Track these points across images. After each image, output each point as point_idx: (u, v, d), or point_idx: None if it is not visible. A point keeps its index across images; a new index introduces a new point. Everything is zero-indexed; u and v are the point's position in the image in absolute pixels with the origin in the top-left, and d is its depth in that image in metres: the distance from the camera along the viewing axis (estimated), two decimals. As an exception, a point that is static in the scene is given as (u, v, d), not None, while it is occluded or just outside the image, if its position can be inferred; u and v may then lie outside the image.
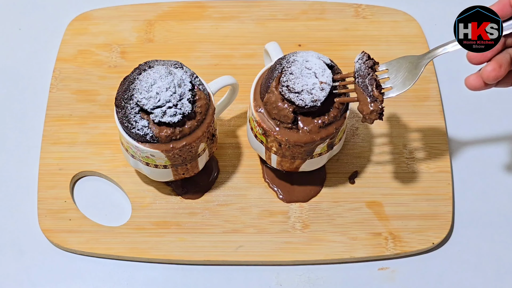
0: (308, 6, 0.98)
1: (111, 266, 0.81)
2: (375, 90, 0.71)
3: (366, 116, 0.72)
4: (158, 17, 0.97)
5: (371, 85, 0.71)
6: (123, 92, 0.74)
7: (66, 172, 0.85)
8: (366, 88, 0.72)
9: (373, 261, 0.82)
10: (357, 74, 0.73)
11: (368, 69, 0.72)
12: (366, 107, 0.72)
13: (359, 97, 0.72)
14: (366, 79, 0.72)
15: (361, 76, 0.72)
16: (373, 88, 0.71)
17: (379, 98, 0.71)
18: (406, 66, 0.72)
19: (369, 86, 0.72)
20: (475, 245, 0.83)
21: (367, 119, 0.72)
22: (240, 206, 0.84)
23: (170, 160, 0.75)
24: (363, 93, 0.72)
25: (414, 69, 0.71)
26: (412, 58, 0.72)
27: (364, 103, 0.72)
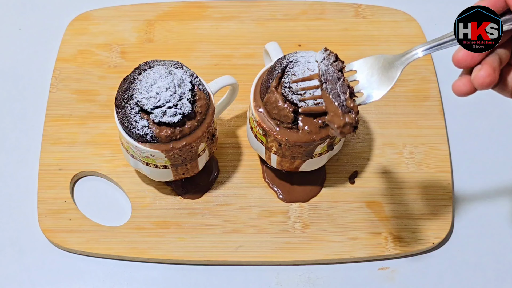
0: (308, 6, 0.98)
1: (111, 266, 0.81)
2: (348, 99, 0.61)
3: (338, 129, 0.63)
4: (158, 17, 0.97)
5: (343, 93, 0.62)
6: (123, 92, 0.74)
7: (66, 172, 0.85)
8: (336, 96, 0.62)
9: (373, 261, 0.82)
10: (323, 78, 0.63)
11: (337, 72, 0.63)
12: (337, 119, 0.63)
13: (328, 107, 0.63)
14: (337, 85, 0.62)
15: (330, 82, 0.62)
16: (346, 97, 0.62)
17: (354, 110, 0.62)
18: (378, 67, 0.63)
19: (341, 94, 0.62)
20: (475, 245, 0.83)
21: (339, 133, 0.63)
22: (240, 206, 0.84)
23: (170, 160, 0.75)
24: (333, 103, 0.62)
25: (388, 71, 0.62)
26: (385, 59, 0.63)
27: (335, 114, 0.63)
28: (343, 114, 0.62)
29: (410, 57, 0.62)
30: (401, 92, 0.91)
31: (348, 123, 0.62)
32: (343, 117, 0.62)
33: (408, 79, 0.92)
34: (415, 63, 0.93)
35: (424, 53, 0.62)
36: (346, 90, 0.62)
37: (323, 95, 0.63)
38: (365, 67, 0.63)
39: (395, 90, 0.91)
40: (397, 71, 0.62)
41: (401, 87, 0.91)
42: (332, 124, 0.63)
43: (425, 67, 0.93)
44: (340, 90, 0.62)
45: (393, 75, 0.62)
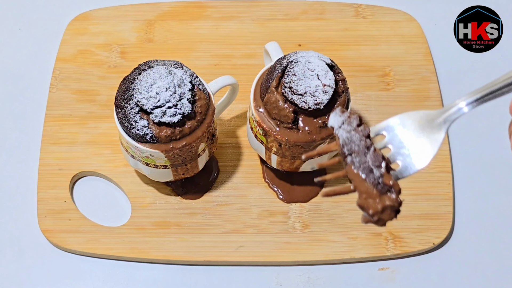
0: (308, 6, 0.98)
1: (111, 267, 0.81)
2: (386, 175, 0.48)
3: (374, 216, 0.49)
4: (158, 17, 0.97)
5: (377, 167, 0.48)
6: (122, 92, 0.74)
7: (66, 172, 0.85)
8: (369, 172, 0.49)
9: (374, 261, 0.82)
10: (347, 148, 0.50)
11: (365, 139, 0.50)
12: (373, 202, 0.49)
13: (357, 186, 0.49)
14: (367, 157, 0.49)
15: (356, 153, 0.49)
16: (383, 172, 0.48)
17: (395, 188, 0.49)
18: (413, 128, 0.51)
19: (374, 168, 0.48)
20: (475, 245, 0.83)
21: (376, 220, 0.49)
22: (240, 206, 0.83)
23: (170, 160, 0.75)
24: (364, 181, 0.49)
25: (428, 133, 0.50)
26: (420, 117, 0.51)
27: (369, 196, 0.49)
28: (381, 195, 0.48)
29: (453, 113, 0.51)
30: (401, 92, 0.91)
31: (388, 207, 0.48)
32: (381, 199, 0.48)
33: (408, 79, 0.92)
34: (415, 63, 0.93)
35: (469, 108, 0.51)
36: (380, 163, 0.48)
37: (349, 172, 0.49)
38: (396, 129, 0.50)
39: (395, 90, 0.91)
40: (441, 132, 0.50)
41: (401, 87, 0.91)
42: (367, 209, 0.49)
43: (425, 67, 0.93)
44: (373, 163, 0.48)
45: (436, 137, 0.50)
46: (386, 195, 0.49)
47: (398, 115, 0.51)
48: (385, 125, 0.51)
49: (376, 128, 0.51)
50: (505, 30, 0.81)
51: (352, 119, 0.51)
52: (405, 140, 0.50)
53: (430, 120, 0.50)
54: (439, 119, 0.51)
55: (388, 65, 0.93)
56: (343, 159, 0.50)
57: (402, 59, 0.93)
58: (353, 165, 0.49)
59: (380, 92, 0.91)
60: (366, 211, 0.49)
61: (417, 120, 0.50)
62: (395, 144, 0.50)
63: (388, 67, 0.93)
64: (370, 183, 0.49)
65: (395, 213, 0.50)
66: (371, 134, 0.51)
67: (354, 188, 0.50)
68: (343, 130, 0.51)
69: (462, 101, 0.51)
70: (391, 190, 0.49)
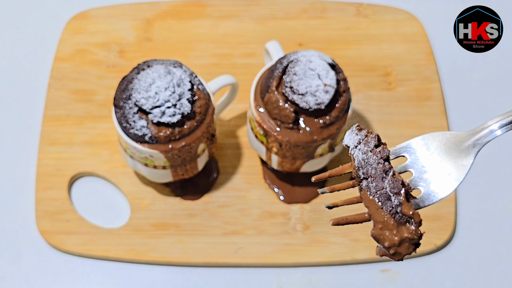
0: (309, 4, 0.98)
1: (109, 268, 0.80)
2: (405, 204, 0.44)
3: (391, 249, 0.44)
4: (157, 16, 0.97)
5: (396, 194, 0.44)
6: (121, 92, 0.73)
7: (63, 173, 0.84)
8: (386, 200, 0.44)
9: (375, 263, 0.81)
10: (362, 172, 0.45)
11: (383, 163, 0.45)
12: (389, 234, 0.44)
13: (373, 214, 0.45)
14: (385, 182, 0.44)
15: (373, 177, 0.44)
16: (402, 200, 0.44)
17: (416, 219, 0.44)
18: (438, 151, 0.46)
19: (392, 196, 0.44)
20: (477, 246, 0.82)
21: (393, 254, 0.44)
22: (240, 207, 0.83)
23: (169, 160, 0.75)
24: (380, 209, 0.44)
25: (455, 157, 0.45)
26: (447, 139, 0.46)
27: (385, 227, 0.44)
28: (398, 226, 0.44)
29: (485, 136, 0.46)
30: (403, 92, 0.91)
31: (406, 239, 0.44)
32: (399, 230, 0.43)
33: (410, 78, 0.91)
34: (417, 63, 0.93)
35: (503, 131, 0.46)
36: (400, 190, 0.43)
37: (364, 198, 0.45)
38: (418, 151, 0.46)
39: (397, 90, 0.91)
40: (469, 156, 0.45)
41: (403, 87, 0.91)
42: (382, 241, 0.44)
43: (427, 67, 0.92)
44: (391, 189, 0.43)
45: (464, 162, 0.45)
46: (404, 226, 0.44)
47: (422, 136, 0.47)
48: (406, 146, 0.47)
49: (396, 149, 0.47)
50: (505, 30, 0.81)
51: (370, 139, 0.46)
52: (429, 164, 0.45)
53: (457, 143, 0.46)
54: (468, 142, 0.46)
55: (389, 65, 0.92)
56: (358, 183, 0.46)
57: (404, 58, 0.93)
58: (369, 191, 0.45)
59: (381, 92, 0.90)
60: (381, 243, 0.45)
61: (442, 142, 0.46)
62: (417, 168, 0.46)
63: (389, 67, 0.92)
64: (387, 212, 0.44)
65: (414, 247, 0.45)
66: (390, 156, 0.46)
67: (369, 217, 0.46)
68: (359, 150, 0.46)
69: (494, 122, 0.46)
70: (410, 221, 0.44)
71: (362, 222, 0.46)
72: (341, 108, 0.74)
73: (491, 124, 0.47)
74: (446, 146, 0.46)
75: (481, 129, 0.47)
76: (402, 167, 0.47)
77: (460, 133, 0.47)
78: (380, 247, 0.46)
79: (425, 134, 0.48)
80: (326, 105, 0.72)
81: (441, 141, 0.46)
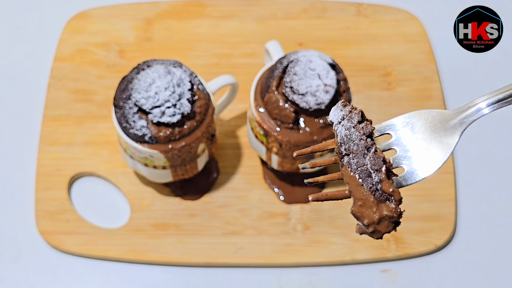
0: (309, 4, 0.97)
1: (109, 268, 0.80)
2: (385, 181, 0.42)
3: (369, 227, 0.43)
4: (157, 15, 0.96)
5: (377, 171, 0.42)
6: (121, 92, 0.73)
7: (63, 173, 0.84)
8: (366, 176, 0.43)
9: (375, 263, 0.81)
10: (344, 147, 0.43)
11: (365, 139, 0.43)
12: (369, 211, 0.43)
13: (353, 192, 0.44)
14: (366, 159, 0.43)
15: (355, 153, 0.43)
16: (382, 177, 0.42)
17: (395, 196, 0.43)
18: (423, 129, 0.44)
19: (372, 172, 0.42)
20: (477, 246, 0.82)
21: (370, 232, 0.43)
22: (240, 207, 0.83)
23: (169, 161, 0.75)
24: (361, 185, 0.43)
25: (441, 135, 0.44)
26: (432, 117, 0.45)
27: (364, 204, 0.43)
28: (378, 203, 0.43)
29: (472, 114, 0.45)
30: (403, 92, 0.90)
31: (385, 217, 0.43)
32: (378, 208, 0.43)
33: (411, 78, 0.91)
34: (417, 62, 0.93)
35: (490, 109, 0.46)
36: (380, 167, 0.42)
37: (345, 174, 0.43)
38: (404, 129, 0.44)
39: (397, 90, 0.90)
40: (455, 135, 0.44)
41: (403, 87, 0.91)
42: (361, 218, 0.43)
43: (427, 67, 0.92)
44: (372, 166, 0.42)
45: (449, 141, 0.43)
46: (384, 204, 0.43)
47: (408, 114, 0.45)
48: (391, 124, 0.45)
49: (381, 126, 0.45)
50: (505, 30, 0.81)
51: (353, 115, 0.44)
52: (413, 142, 0.44)
53: (443, 121, 0.44)
54: (454, 120, 0.44)
55: (390, 65, 0.92)
56: (340, 159, 0.44)
57: (404, 58, 0.93)
58: (350, 167, 0.43)
59: (382, 92, 0.90)
60: (360, 220, 0.44)
61: (428, 120, 0.44)
62: (401, 146, 0.44)
63: (390, 67, 0.92)
64: (367, 188, 0.43)
65: (394, 225, 0.44)
66: (375, 133, 0.45)
67: (349, 194, 0.44)
68: (343, 126, 0.44)
69: (482, 101, 0.45)
70: (390, 198, 0.43)
71: (342, 199, 0.45)
72: (341, 108, 0.74)
73: (478, 102, 0.46)
74: (432, 124, 0.45)
75: (468, 107, 0.45)
76: (386, 145, 0.45)
77: (446, 111, 0.45)
78: (359, 225, 0.45)
79: (411, 112, 0.46)
80: (326, 105, 0.72)
81: (427, 119, 0.45)
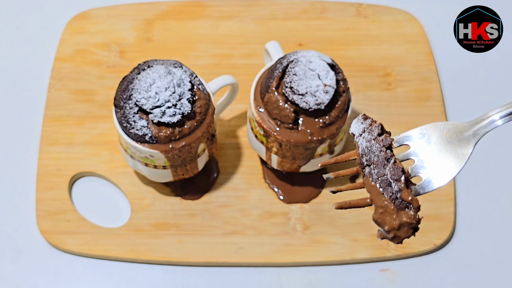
0: (308, 5, 0.98)
1: (109, 268, 0.80)
2: (405, 190, 0.46)
3: (390, 232, 0.47)
4: (157, 16, 0.97)
5: (396, 180, 0.46)
6: (122, 92, 0.73)
7: (64, 173, 0.84)
8: (386, 186, 0.46)
9: (375, 263, 0.81)
10: (366, 159, 0.47)
11: (385, 150, 0.47)
12: (389, 218, 0.46)
13: (375, 200, 0.47)
14: (386, 169, 0.46)
15: (375, 164, 0.47)
16: (401, 186, 0.46)
17: (414, 204, 0.47)
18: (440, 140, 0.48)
19: (392, 182, 0.46)
20: (477, 246, 0.82)
21: (391, 237, 0.47)
22: (240, 207, 0.83)
23: (169, 160, 0.75)
24: (381, 194, 0.46)
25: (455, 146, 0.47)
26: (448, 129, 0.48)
27: (385, 212, 0.47)
28: (398, 211, 0.46)
29: (485, 126, 0.47)
30: (402, 92, 0.91)
31: (405, 223, 0.46)
32: (398, 215, 0.46)
33: (410, 79, 0.91)
34: (417, 63, 0.93)
35: (504, 121, 0.48)
36: (400, 177, 0.46)
37: (366, 183, 0.47)
38: (421, 140, 0.48)
39: (397, 90, 0.91)
40: (469, 146, 0.47)
41: (402, 87, 0.91)
42: (383, 225, 0.46)
43: (427, 67, 0.92)
44: (391, 176, 0.46)
45: (463, 152, 0.46)
46: (403, 211, 0.46)
47: (424, 126, 0.48)
48: (409, 135, 0.49)
49: (399, 137, 0.49)
50: (505, 30, 0.81)
51: (374, 128, 0.48)
52: (430, 153, 0.47)
53: (458, 133, 0.47)
54: (468, 132, 0.48)
55: (389, 65, 0.92)
56: (361, 170, 0.48)
57: (404, 59, 0.93)
58: (371, 177, 0.47)
59: (381, 92, 0.90)
60: (382, 226, 0.47)
61: (444, 131, 0.48)
62: (419, 157, 0.48)
63: (389, 67, 0.92)
64: (387, 197, 0.46)
65: (413, 231, 0.47)
66: (394, 144, 0.49)
67: (371, 202, 0.47)
68: (364, 138, 0.48)
69: (496, 113, 0.47)
70: (409, 206, 0.47)
71: (364, 207, 0.48)
72: (340, 108, 0.74)
73: (492, 115, 0.48)
74: (447, 135, 0.48)
75: (481, 119, 0.48)
76: (404, 155, 0.49)
77: (461, 123, 0.48)
78: (381, 231, 0.48)
79: (428, 124, 0.49)
80: (326, 105, 0.72)
81: (443, 131, 0.48)
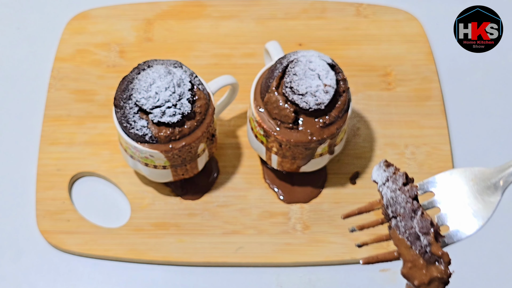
0: (308, 5, 0.98)
1: (109, 268, 0.80)
2: (434, 244, 0.44)
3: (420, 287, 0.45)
4: (157, 16, 0.97)
5: (425, 234, 0.44)
6: (122, 92, 0.73)
7: (64, 172, 0.84)
8: (415, 239, 0.44)
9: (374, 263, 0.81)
10: (391, 210, 0.45)
11: (411, 202, 0.45)
12: (419, 273, 0.45)
13: (402, 253, 0.45)
14: (413, 221, 0.44)
15: (402, 216, 0.45)
16: (431, 240, 0.44)
17: (444, 258, 0.46)
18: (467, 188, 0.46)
19: (421, 235, 0.44)
20: (476, 246, 0.82)
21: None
22: (240, 207, 0.83)
23: (169, 160, 0.75)
24: (410, 248, 0.45)
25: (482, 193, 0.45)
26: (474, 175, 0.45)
27: (415, 266, 0.45)
28: (428, 265, 0.44)
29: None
30: (402, 92, 0.91)
31: (435, 278, 0.45)
32: (428, 270, 0.44)
33: (410, 78, 0.91)
34: (417, 63, 0.93)
35: None
36: (429, 230, 0.44)
37: (393, 236, 0.45)
38: (446, 187, 0.46)
39: (397, 90, 0.91)
40: (497, 194, 0.46)
41: (402, 87, 0.91)
42: (412, 279, 0.45)
43: (426, 67, 0.92)
44: (420, 229, 0.44)
45: (491, 199, 0.45)
46: (434, 266, 0.45)
47: (449, 171, 0.46)
48: (434, 181, 0.47)
49: (423, 184, 0.47)
50: (505, 30, 0.81)
51: (398, 177, 0.46)
52: (456, 200, 0.45)
53: (485, 179, 0.45)
54: (495, 179, 0.46)
55: (389, 65, 0.92)
56: (387, 221, 0.46)
57: (404, 58, 0.93)
58: (398, 230, 0.45)
59: (381, 92, 0.90)
60: (411, 281, 0.46)
61: (470, 177, 0.45)
62: (445, 204, 0.46)
63: (389, 67, 0.92)
64: (416, 251, 0.45)
65: (444, 285, 0.45)
66: (418, 192, 0.46)
67: (398, 255, 0.46)
68: (388, 188, 0.46)
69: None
70: (440, 260, 0.45)
71: (392, 261, 0.47)
72: (340, 108, 0.74)
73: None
74: (474, 182, 0.46)
75: (508, 166, 0.46)
76: (429, 203, 0.47)
77: (487, 169, 0.46)
78: (409, 285, 0.47)
79: (453, 169, 0.47)
80: (326, 105, 0.72)
81: (469, 177, 0.46)
